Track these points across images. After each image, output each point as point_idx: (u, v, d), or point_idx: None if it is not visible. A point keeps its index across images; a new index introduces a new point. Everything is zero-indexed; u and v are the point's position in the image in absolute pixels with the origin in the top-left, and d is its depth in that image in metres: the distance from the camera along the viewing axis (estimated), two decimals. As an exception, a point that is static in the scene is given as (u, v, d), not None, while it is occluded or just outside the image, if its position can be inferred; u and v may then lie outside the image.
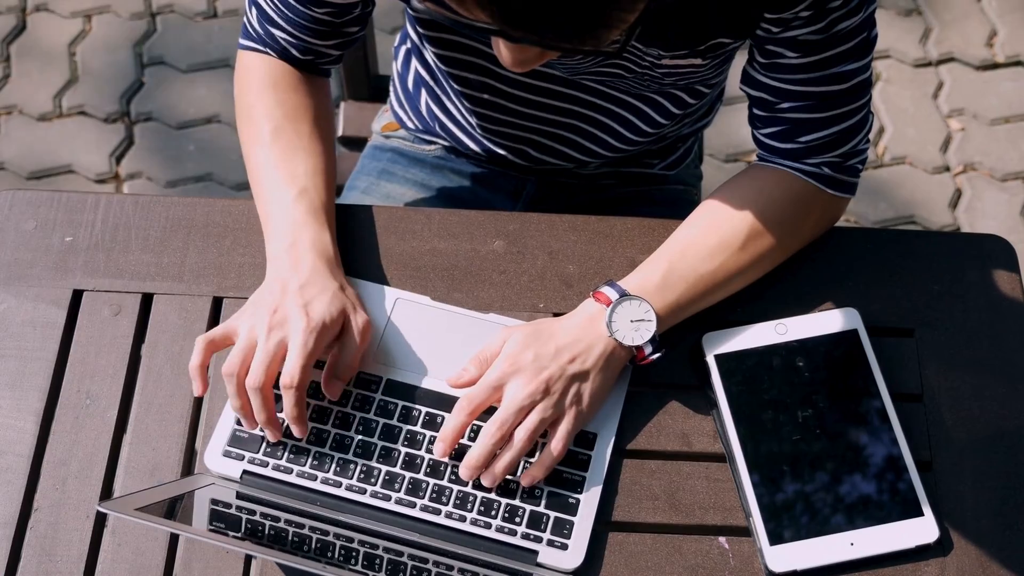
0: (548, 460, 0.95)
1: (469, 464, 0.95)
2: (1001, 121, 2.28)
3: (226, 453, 0.97)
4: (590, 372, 0.97)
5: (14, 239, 1.09)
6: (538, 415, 0.95)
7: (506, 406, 0.95)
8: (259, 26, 1.08)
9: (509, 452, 0.95)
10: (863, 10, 0.96)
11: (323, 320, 0.95)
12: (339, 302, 0.97)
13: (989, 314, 1.07)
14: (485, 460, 0.94)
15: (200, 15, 2.34)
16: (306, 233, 1.01)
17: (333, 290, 0.98)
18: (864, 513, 0.96)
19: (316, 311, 0.95)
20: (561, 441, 0.95)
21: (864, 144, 1.06)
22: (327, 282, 0.98)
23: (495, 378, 0.96)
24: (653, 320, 0.98)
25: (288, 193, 1.02)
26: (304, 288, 0.97)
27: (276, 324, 0.94)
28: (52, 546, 0.95)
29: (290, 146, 1.05)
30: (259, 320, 0.95)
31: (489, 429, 0.94)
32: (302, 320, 0.94)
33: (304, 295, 0.96)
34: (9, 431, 1.00)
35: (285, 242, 1.00)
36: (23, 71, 2.28)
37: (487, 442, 0.94)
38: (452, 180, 1.32)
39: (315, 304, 0.96)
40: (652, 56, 1.01)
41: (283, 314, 0.95)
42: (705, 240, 1.02)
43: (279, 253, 1.00)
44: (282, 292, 0.96)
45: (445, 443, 0.95)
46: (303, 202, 1.02)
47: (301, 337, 0.93)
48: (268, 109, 1.07)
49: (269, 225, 1.03)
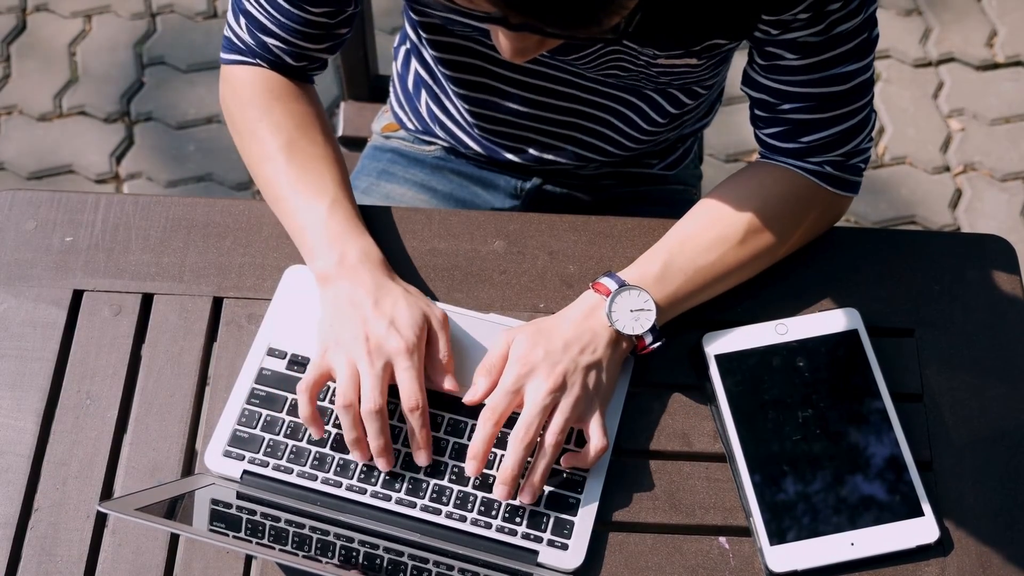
0: (594, 454, 0.95)
1: (504, 479, 0.94)
2: (1001, 121, 2.28)
3: (226, 453, 0.97)
4: (602, 360, 0.97)
5: (14, 239, 1.09)
6: (561, 416, 0.94)
7: (529, 408, 0.94)
8: (249, 36, 1.06)
9: (543, 460, 0.94)
10: (863, 11, 0.95)
11: (415, 334, 0.95)
12: (416, 307, 0.97)
13: (989, 314, 1.07)
14: (519, 470, 0.94)
15: (200, 15, 2.34)
16: (351, 245, 1.00)
17: (404, 296, 0.97)
18: (864, 513, 0.96)
19: (404, 326, 0.95)
20: (600, 436, 0.95)
21: (867, 143, 1.06)
22: (395, 289, 0.98)
23: (511, 382, 0.95)
24: (653, 309, 0.98)
25: (320, 206, 1.01)
26: (379, 304, 0.96)
27: (375, 350, 0.94)
28: (52, 546, 0.95)
29: (308, 156, 1.04)
30: (355, 351, 0.94)
31: (517, 435, 0.93)
32: (399, 341, 0.94)
33: (383, 312, 0.95)
34: (9, 431, 1.00)
35: (333, 258, 0.99)
36: (23, 71, 2.28)
37: (518, 448, 0.93)
38: (452, 180, 1.32)
39: (399, 319, 0.95)
40: (647, 55, 1.01)
41: (377, 339, 0.94)
42: (705, 233, 1.02)
43: (330, 271, 0.99)
44: (362, 320, 0.95)
45: (477, 460, 0.95)
46: (338, 213, 1.01)
47: (406, 359, 0.93)
48: (276, 122, 1.05)
49: (307, 241, 1.01)
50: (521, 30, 0.77)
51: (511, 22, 0.77)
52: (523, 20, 0.75)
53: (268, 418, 0.98)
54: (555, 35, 0.76)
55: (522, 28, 0.77)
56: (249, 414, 0.99)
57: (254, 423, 0.98)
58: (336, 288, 0.98)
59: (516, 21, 0.76)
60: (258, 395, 0.99)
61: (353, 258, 0.99)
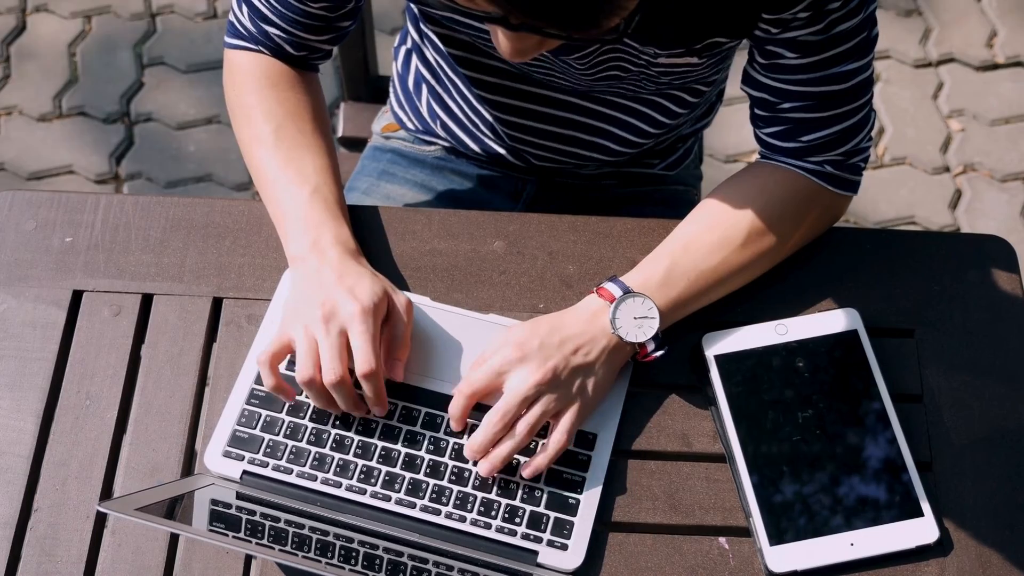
0: (552, 451, 0.95)
1: (471, 446, 0.95)
2: (1001, 122, 2.28)
3: (226, 453, 0.97)
4: (594, 365, 0.97)
5: (14, 239, 1.09)
6: (540, 408, 0.95)
7: (509, 396, 0.95)
8: (251, 24, 1.07)
9: (510, 441, 0.95)
10: (863, 10, 0.95)
11: (373, 300, 0.95)
12: (379, 283, 0.98)
13: (989, 314, 1.07)
14: (486, 447, 0.95)
15: (200, 15, 2.34)
16: (326, 230, 1.00)
17: (369, 274, 0.98)
18: (864, 513, 0.96)
19: (363, 293, 0.95)
20: (564, 433, 0.95)
21: (866, 143, 1.06)
22: (360, 269, 0.99)
23: (499, 363, 0.96)
24: (656, 317, 0.98)
25: (301, 192, 1.02)
26: (342, 277, 0.97)
27: (329, 315, 0.94)
28: (52, 546, 0.95)
29: (295, 144, 1.05)
30: (311, 318, 0.94)
31: (491, 419, 0.94)
32: (355, 304, 0.94)
33: (344, 283, 0.96)
34: (9, 431, 1.00)
35: (306, 241, 1.00)
36: (23, 71, 2.28)
37: (489, 431, 0.94)
38: (452, 181, 1.32)
39: (359, 287, 0.96)
40: (648, 55, 1.01)
41: (332, 304, 0.94)
42: (707, 237, 1.02)
43: (302, 253, 1.00)
44: (320, 286, 0.96)
45: (455, 420, 0.97)
46: (317, 200, 1.02)
47: (360, 323, 0.93)
48: (269, 108, 1.06)
49: (285, 225, 1.02)
50: (521, 30, 0.77)
51: (511, 22, 0.77)
52: (523, 20, 0.75)
53: (268, 418, 0.98)
54: (555, 35, 0.76)
55: (522, 28, 0.77)
56: (249, 414, 0.99)
57: (254, 423, 0.98)
58: (305, 266, 0.99)
59: (516, 21, 0.76)
60: (258, 395, 0.99)
61: (325, 242, 1.00)
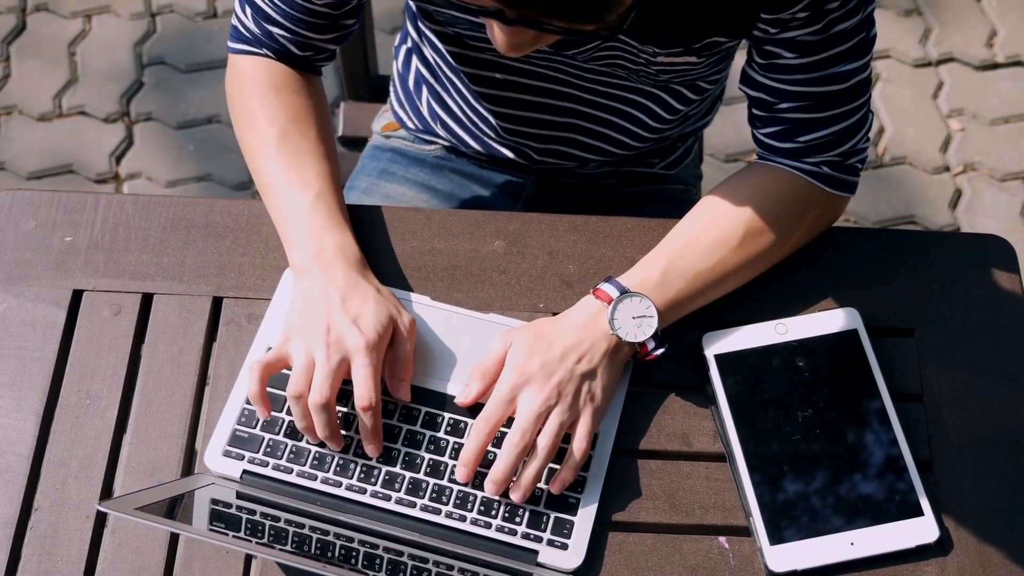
0: (575, 462, 0.95)
1: (495, 479, 0.94)
2: (1001, 121, 2.28)
3: (226, 453, 0.97)
4: (597, 369, 0.97)
5: (14, 239, 1.09)
6: (556, 419, 0.94)
7: (523, 416, 0.94)
8: (255, 26, 1.07)
9: (535, 462, 0.94)
10: (861, 11, 0.96)
11: (377, 333, 0.95)
12: (384, 308, 0.97)
13: (989, 314, 1.07)
14: (511, 473, 0.94)
15: (200, 15, 2.34)
16: (330, 239, 1.00)
17: (374, 296, 0.97)
18: (864, 513, 0.96)
19: (368, 325, 0.95)
20: (584, 440, 0.95)
21: (864, 143, 1.06)
22: (366, 289, 0.98)
23: (507, 391, 0.95)
24: (655, 316, 0.98)
25: (304, 199, 1.02)
26: (346, 301, 0.96)
27: (333, 343, 0.94)
28: (52, 546, 0.95)
29: (298, 150, 1.04)
30: (314, 342, 0.94)
31: (512, 440, 0.94)
32: (359, 338, 0.94)
33: (349, 309, 0.96)
34: (9, 431, 1.00)
35: (310, 250, 0.99)
36: (23, 71, 2.28)
37: (511, 454, 0.94)
38: (452, 180, 1.32)
39: (364, 317, 0.95)
40: (647, 54, 1.01)
41: (337, 333, 0.94)
42: (704, 236, 1.02)
43: (306, 263, 0.99)
44: (327, 309, 0.96)
45: (467, 467, 0.95)
46: (320, 207, 1.01)
47: (363, 357, 0.93)
48: (272, 113, 1.06)
49: (288, 231, 1.02)
50: (517, 24, 0.77)
51: (507, 16, 0.77)
52: (519, 14, 0.75)
53: (268, 418, 0.98)
54: (551, 30, 0.77)
55: (518, 23, 0.77)
56: (249, 414, 0.99)
57: (254, 423, 0.98)
58: (310, 280, 0.99)
59: (512, 15, 0.76)
60: (258, 395, 0.99)
61: (329, 252, 0.99)
